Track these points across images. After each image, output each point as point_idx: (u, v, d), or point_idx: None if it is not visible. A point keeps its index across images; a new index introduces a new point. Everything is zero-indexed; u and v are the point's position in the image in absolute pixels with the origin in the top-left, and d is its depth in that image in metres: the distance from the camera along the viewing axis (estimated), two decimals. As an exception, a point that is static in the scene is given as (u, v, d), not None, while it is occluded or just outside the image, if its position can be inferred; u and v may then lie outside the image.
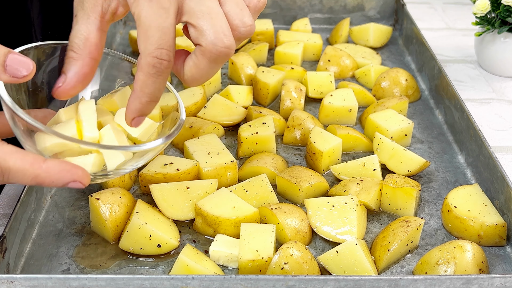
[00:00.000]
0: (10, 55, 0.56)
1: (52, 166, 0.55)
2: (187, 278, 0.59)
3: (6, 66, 0.56)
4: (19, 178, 0.54)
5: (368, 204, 0.77)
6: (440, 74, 1.00)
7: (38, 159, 0.54)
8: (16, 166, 0.54)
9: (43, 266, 0.69)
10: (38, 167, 0.54)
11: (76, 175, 0.55)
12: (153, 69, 0.57)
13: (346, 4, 1.29)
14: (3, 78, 0.56)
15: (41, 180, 0.55)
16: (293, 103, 0.96)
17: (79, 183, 0.56)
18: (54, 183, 0.55)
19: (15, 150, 0.55)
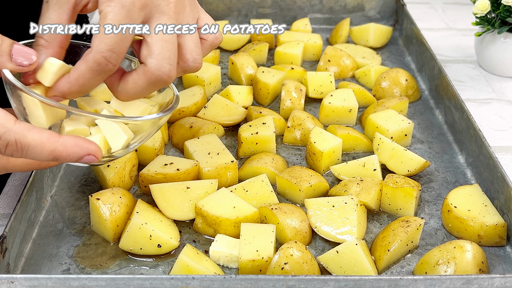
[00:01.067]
0: (15, 46, 0.59)
1: (67, 140, 0.57)
2: (187, 278, 0.59)
3: (12, 55, 0.59)
4: (37, 152, 0.56)
5: (368, 204, 0.77)
6: (440, 74, 1.00)
7: (54, 134, 0.56)
8: (34, 140, 0.55)
9: (43, 266, 0.69)
10: (55, 140, 0.56)
11: (91, 148, 0.57)
12: (98, 66, 0.58)
13: (346, 4, 1.29)
14: (9, 67, 0.59)
15: (58, 154, 0.56)
16: (293, 104, 0.96)
17: (93, 156, 0.58)
18: (70, 156, 0.57)
19: (32, 126, 0.56)
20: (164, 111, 0.65)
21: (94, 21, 1.26)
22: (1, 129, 0.55)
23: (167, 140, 0.91)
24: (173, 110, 0.66)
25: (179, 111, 0.94)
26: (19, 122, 0.56)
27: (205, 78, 1.01)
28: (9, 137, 0.55)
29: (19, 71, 0.60)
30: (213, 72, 1.02)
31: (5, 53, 0.59)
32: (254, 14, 1.29)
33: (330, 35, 1.25)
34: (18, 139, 0.55)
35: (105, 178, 0.78)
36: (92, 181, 0.83)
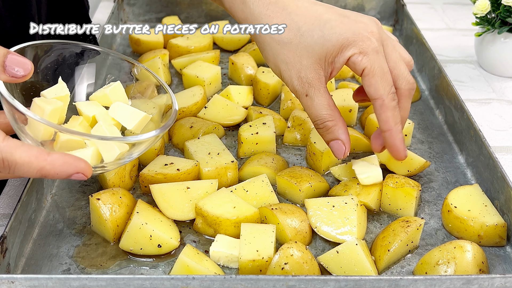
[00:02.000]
0: (9, 56, 0.58)
1: (56, 159, 0.56)
2: (188, 278, 0.59)
3: (5, 66, 0.57)
4: (25, 170, 0.56)
5: (368, 204, 0.77)
6: (440, 74, 1.00)
7: (43, 152, 0.56)
8: (22, 159, 0.55)
9: (44, 266, 0.69)
10: (43, 159, 0.56)
11: (79, 167, 0.57)
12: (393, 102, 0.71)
13: (346, 4, 1.29)
14: (2, 78, 0.58)
15: (46, 172, 0.56)
16: (293, 104, 0.96)
17: (82, 174, 0.57)
18: (59, 174, 0.57)
19: (20, 144, 0.56)
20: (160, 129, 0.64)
21: (95, 21, 1.26)
22: None
23: (167, 140, 0.91)
24: (169, 127, 0.66)
25: (179, 111, 0.94)
26: (7, 139, 0.56)
27: (205, 78, 1.01)
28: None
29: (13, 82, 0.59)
30: (213, 72, 1.02)
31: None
32: (254, 14, 1.29)
33: (330, 35, 1.25)
34: (5, 157, 0.55)
35: (105, 178, 0.78)
36: (92, 181, 0.83)
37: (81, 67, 0.72)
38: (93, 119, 0.67)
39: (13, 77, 0.58)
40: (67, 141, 0.61)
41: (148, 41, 1.14)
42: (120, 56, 0.73)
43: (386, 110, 0.71)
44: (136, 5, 1.28)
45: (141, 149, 0.65)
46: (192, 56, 1.09)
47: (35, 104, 0.63)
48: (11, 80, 0.58)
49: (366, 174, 0.77)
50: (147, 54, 1.10)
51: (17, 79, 0.58)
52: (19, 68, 0.58)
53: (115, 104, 0.68)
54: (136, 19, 1.29)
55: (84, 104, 0.69)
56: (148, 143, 0.65)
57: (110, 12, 1.18)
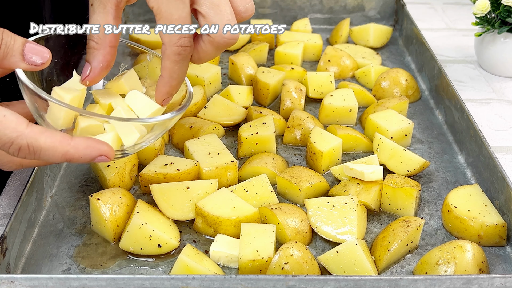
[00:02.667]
0: (27, 44, 0.59)
1: (79, 142, 0.57)
2: (188, 278, 0.59)
3: (24, 55, 0.59)
4: (49, 155, 0.57)
5: (368, 204, 0.77)
6: (440, 74, 1.00)
7: (66, 136, 0.57)
8: (46, 144, 0.56)
9: (44, 266, 0.69)
10: (66, 143, 0.57)
11: (103, 149, 0.58)
12: (178, 56, 0.63)
13: (346, 4, 1.29)
14: (22, 66, 0.59)
15: (70, 156, 0.57)
16: (293, 104, 0.96)
17: (105, 157, 0.58)
18: (83, 158, 0.58)
19: (44, 129, 0.57)
20: (177, 110, 0.65)
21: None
22: (13, 133, 0.55)
23: (167, 141, 0.91)
24: (185, 109, 0.67)
25: (179, 111, 0.94)
26: (31, 126, 0.57)
27: (205, 78, 1.01)
28: (22, 141, 0.56)
29: (32, 70, 0.61)
30: (213, 72, 1.02)
31: (17, 52, 0.59)
32: (254, 14, 1.29)
33: (330, 35, 1.25)
34: (30, 143, 0.56)
35: (105, 178, 0.78)
36: (92, 181, 0.83)
37: None
38: (109, 107, 0.68)
39: (32, 65, 0.60)
40: (86, 128, 0.62)
41: (148, 41, 1.14)
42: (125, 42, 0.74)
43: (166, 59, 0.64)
44: (136, 5, 1.28)
45: (158, 132, 0.66)
46: (192, 56, 1.09)
47: (54, 93, 0.64)
48: (31, 68, 0.60)
49: (372, 169, 0.77)
50: (147, 54, 1.09)
51: (36, 67, 0.60)
52: (38, 56, 0.59)
53: (132, 93, 0.69)
54: (136, 19, 1.29)
55: (100, 93, 0.69)
56: (166, 126, 0.66)
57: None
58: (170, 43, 0.62)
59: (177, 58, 0.63)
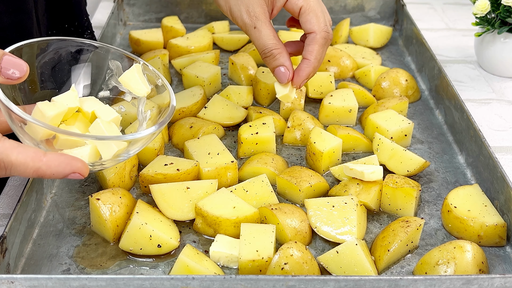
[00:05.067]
0: (4, 57, 0.58)
1: (52, 159, 0.56)
2: (187, 278, 0.59)
3: (1, 68, 0.57)
4: (21, 171, 0.56)
5: (368, 204, 0.77)
6: (440, 74, 1.00)
7: (39, 152, 0.56)
8: (18, 160, 0.56)
9: (44, 266, 0.69)
10: (38, 160, 0.56)
11: (76, 166, 0.57)
12: (325, 41, 0.81)
13: (346, 4, 1.29)
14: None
15: (42, 173, 0.56)
16: (293, 104, 0.96)
17: (79, 174, 0.58)
18: (55, 175, 0.57)
19: (17, 145, 0.56)
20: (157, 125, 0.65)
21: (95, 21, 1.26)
22: None
23: (167, 141, 0.91)
24: (165, 124, 0.66)
25: (179, 111, 0.94)
26: (3, 140, 0.56)
27: (205, 79, 1.01)
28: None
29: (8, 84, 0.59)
30: (213, 73, 1.02)
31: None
32: (254, 14, 1.29)
33: (330, 35, 1.25)
34: (1, 159, 0.55)
35: (105, 178, 0.78)
36: (92, 181, 0.83)
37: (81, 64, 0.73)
38: (92, 115, 0.68)
39: (9, 79, 0.58)
40: (66, 140, 0.62)
41: (148, 41, 1.14)
42: (120, 51, 0.73)
43: (315, 43, 0.80)
44: (136, 5, 1.28)
45: (138, 146, 0.65)
46: (192, 56, 1.09)
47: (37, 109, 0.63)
48: (7, 82, 0.58)
49: (372, 169, 0.77)
50: (147, 54, 1.10)
51: (12, 81, 0.58)
52: (15, 70, 0.58)
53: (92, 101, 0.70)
54: (136, 19, 1.29)
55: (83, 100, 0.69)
56: (145, 140, 0.65)
57: (110, 12, 1.18)
58: (320, 30, 0.80)
59: (324, 42, 0.80)
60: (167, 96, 0.70)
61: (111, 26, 1.16)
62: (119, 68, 0.74)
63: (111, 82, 0.75)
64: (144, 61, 0.74)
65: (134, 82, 0.72)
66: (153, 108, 0.73)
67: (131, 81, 0.72)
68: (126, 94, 0.75)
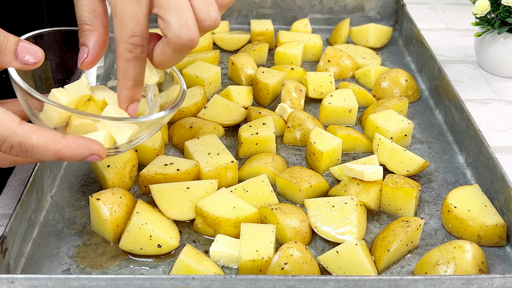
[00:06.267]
0: (20, 43, 0.59)
1: (71, 141, 0.57)
2: (187, 278, 0.59)
3: (17, 54, 0.59)
4: (41, 154, 0.57)
5: (368, 204, 0.77)
6: (440, 74, 1.00)
7: (58, 135, 0.57)
8: (38, 142, 0.56)
9: (44, 266, 0.69)
10: (58, 142, 0.57)
11: (94, 148, 0.58)
12: (130, 54, 0.61)
13: (346, 4, 1.29)
14: (14, 65, 0.59)
15: (62, 155, 0.57)
16: (293, 104, 0.97)
17: (97, 156, 0.58)
18: (74, 157, 0.58)
19: (36, 128, 0.57)
20: (170, 108, 0.65)
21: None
22: (5, 131, 0.56)
23: (167, 141, 0.92)
24: (179, 107, 0.66)
25: (179, 111, 0.94)
26: (23, 124, 0.57)
27: (205, 79, 1.01)
28: (14, 139, 0.56)
29: (24, 69, 0.61)
30: (213, 73, 1.02)
31: (10, 51, 0.59)
32: (254, 15, 1.29)
33: (330, 35, 1.25)
34: (22, 141, 0.56)
35: (105, 178, 0.78)
36: (92, 181, 0.83)
37: None
38: (103, 102, 0.68)
39: (25, 65, 0.59)
40: (79, 126, 0.62)
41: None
42: None
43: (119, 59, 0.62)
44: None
45: (152, 129, 0.66)
46: (192, 56, 1.09)
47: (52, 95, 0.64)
48: (23, 68, 0.60)
49: (372, 169, 0.77)
50: (147, 54, 1.09)
51: (28, 67, 0.60)
52: (31, 55, 0.59)
53: None
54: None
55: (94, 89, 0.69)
56: (159, 123, 0.66)
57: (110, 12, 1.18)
58: (121, 40, 0.61)
59: (129, 56, 0.61)
60: (177, 84, 0.71)
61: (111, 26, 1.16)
62: None
63: None
64: None
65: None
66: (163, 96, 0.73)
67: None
68: None
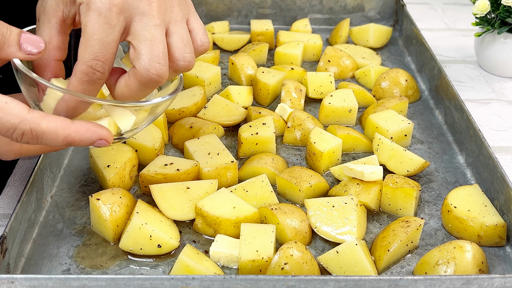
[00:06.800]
0: (23, 35, 0.60)
1: (80, 126, 0.59)
2: (187, 278, 0.59)
3: (21, 45, 0.60)
4: (52, 139, 0.58)
5: (368, 204, 0.77)
6: (440, 74, 1.00)
7: (67, 120, 0.58)
8: (48, 128, 0.57)
9: (44, 266, 0.69)
10: (67, 127, 0.58)
11: (102, 133, 0.60)
12: (86, 77, 0.59)
13: (346, 4, 1.29)
14: (19, 56, 0.60)
15: (71, 139, 0.58)
16: (293, 104, 0.97)
17: (105, 141, 0.60)
18: (83, 141, 0.59)
19: (46, 114, 0.58)
20: (170, 94, 0.65)
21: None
22: (16, 119, 0.56)
23: (167, 141, 0.92)
24: (178, 92, 0.66)
25: (179, 111, 0.94)
26: (32, 111, 0.58)
27: (205, 79, 1.01)
28: (25, 126, 0.57)
29: (28, 60, 0.61)
30: (213, 73, 1.02)
31: (14, 43, 0.60)
32: (254, 15, 1.29)
33: (330, 35, 1.25)
34: (33, 128, 0.57)
35: (105, 178, 0.78)
36: (92, 181, 0.83)
37: None
38: (100, 94, 0.69)
39: (29, 55, 0.60)
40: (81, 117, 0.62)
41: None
42: None
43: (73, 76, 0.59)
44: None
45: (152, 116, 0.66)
46: (192, 56, 1.09)
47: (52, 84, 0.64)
48: (27, 58, 0.60)
49: (372, 169, 0.78)
50: (147, 54, 1.09)
51: (32, 57, 0.60)
52: (33, 46, 0.60)
53: None
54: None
55: None
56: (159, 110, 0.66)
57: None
58: (81, 60, 0.58)
59: (84, 78, 0.59)
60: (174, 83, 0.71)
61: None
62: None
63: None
64: None
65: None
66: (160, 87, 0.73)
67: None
68: None
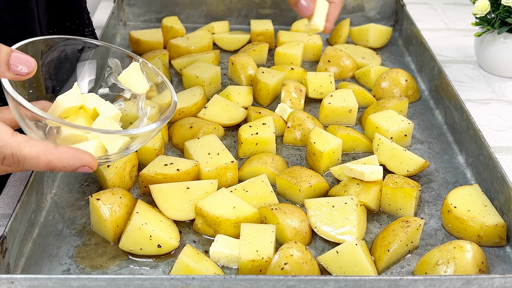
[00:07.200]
0: (13, 54, 0.59)
1: (63, 152, 0.58)
2: (187, 278, 0.59)
3: (10, 64, 0.59)
4: (33, 164, 0.58)
5: (368, 204, 0.77)
6: (440, 74, 1.00)
7: (50, 146, 0.58)
8: (30, 153, 0.57)
9: (44, 267, 0.69)
10: (50, 153, 0.57)
11: (85, 160, 0.59)
12: None
13: (346, 4, 1.29)
14: (7, 76, 0.59)
15: (53, 165, 0.58)
16: (293, 104, 0.97)
17: (88, 167, 0.59)
18: (66, 168, 0.58)
19: (29, 139, 0.57)
20: (161, 120, 0.66)
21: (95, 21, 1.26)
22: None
23: (167, 141, 0.92)
24: (169, 119, 0.67)
25: (179, 111, 0.94)
26: (15, 135, 0.57)
27: (205, 79, 1.01)
28: (6, 151, 0.56)
29: (17, 80, 0.61)
30: (213, 73, 1.02)
31: (3, 62, 0.59)
32: (254, 15, 1.29)
33: (330, 35, 1.25)
34: (14, 153, 0.57)
35: (105, 178, 0.78)
36: (92, 181, 0.83)
37: (82, 62, 0.74)
38: (94, 111, 0.69)
39: (18, 75, 0.60)
40: (68, 137, 0.63)
41: (148, 41, 1.14)
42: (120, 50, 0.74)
43: None
44: (136, 5, 1.28)
45: (141, 141, 0.67)
46: (192, 56, 1.09)
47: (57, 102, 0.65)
48: (16, 78, 0.60)
49: (372, 169, 0.78)
50: (147, 55, 1.10)
51: (21, 77, 0.60)
52: (23, 66, 0.59)
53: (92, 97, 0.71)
54: (136, 19, 1.29)
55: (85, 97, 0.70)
56: (148, 135, 0.67)
57: (110, 12, 1.19)
58: None
59: None
60: (168, 94, 0.71)
61: (111, 26, 1.16)
62: (118, 66, 0.74)
63: (110, 80, 0.75)
64: (143, 59, 0.74)
65: (132, 80, 0.73)
66: (154, 106, 0.73)
67: (129, 79, 0.73)
68: (126, 91, 0.76)
